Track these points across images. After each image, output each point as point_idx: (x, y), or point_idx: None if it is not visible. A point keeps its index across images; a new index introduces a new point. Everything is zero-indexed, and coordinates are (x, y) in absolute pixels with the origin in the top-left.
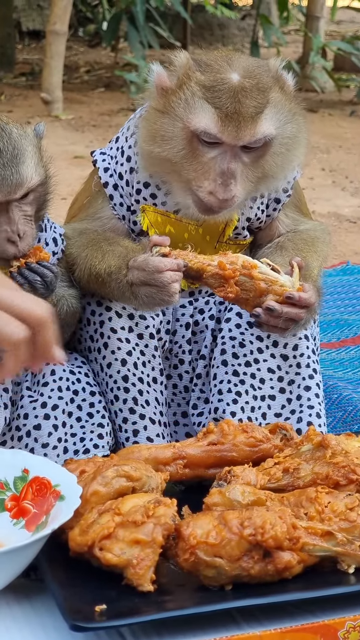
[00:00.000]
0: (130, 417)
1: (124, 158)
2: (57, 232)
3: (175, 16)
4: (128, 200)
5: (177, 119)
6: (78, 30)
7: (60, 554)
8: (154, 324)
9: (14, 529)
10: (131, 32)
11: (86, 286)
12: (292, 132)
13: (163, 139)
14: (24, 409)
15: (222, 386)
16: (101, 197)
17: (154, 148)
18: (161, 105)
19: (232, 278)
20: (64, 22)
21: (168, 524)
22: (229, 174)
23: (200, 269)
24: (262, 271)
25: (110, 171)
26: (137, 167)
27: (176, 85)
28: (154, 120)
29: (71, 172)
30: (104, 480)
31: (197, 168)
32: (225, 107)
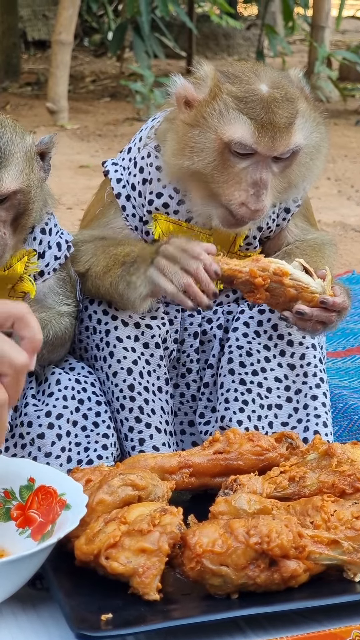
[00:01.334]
0: (136, 426)
1: (136, 169)
2: (64, 238)
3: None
4: (140, 211)
5: (209, 130)
6: (83, 40)
7: (66, 563)
8: (160, 333)
9: (19, 538)
10: (137, 41)
11: (98, 290)
12: (317, 142)
13: (192, 151)
14: (28, 416)
15: (228, 395)
16: (113, 208)
17: (183, 161)
18: (191, 117)
19: (262, 286)
20: (69, 32)
21: (174, 532)
22: (261, 184)
23: (232, 275)
24: (294, 277)
25: (122, 182)
26: (150, 177)
27: (206, 97)
28: (183, 133)
29: (76, 181)
30: (110, 489)
31: (227, 179)
32: (260, 117)
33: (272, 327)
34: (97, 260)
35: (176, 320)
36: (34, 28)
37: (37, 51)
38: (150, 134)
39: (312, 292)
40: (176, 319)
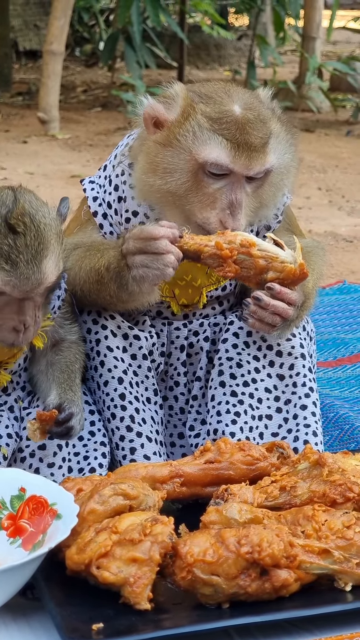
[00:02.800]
0: (127, 435)
1: (111, 187)
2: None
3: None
4: (118, 229)
5: (183, 151)
6: (75, 50)
7: (57, 573)
8: (147, 345)
9: (10, 548)
10: (128, 52)
11: (85, 298)
12: (288, 162)
13: (165, 171)
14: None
15: (220, 407)
16: (91, 226)
17: (155, 180)
18: (163, 137)
19: (229, 258)
20: (60, 42)
21: (165, 542)
22: (237, 204)
23: (198, 250)
24: (262, 248)
25: (99, 200)
26: (125, 195)
27: (178, 117)
28: (154, 153)
29: (68, 191)
30: (101, 499)
31: (202, 200)
32: (236, 138)
33: (261, 337)
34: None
35: (162, 334)
36: (25, 38)
37: (28, 61)
38: (125, 152)
39: (282, 262)
40: (162, 332)
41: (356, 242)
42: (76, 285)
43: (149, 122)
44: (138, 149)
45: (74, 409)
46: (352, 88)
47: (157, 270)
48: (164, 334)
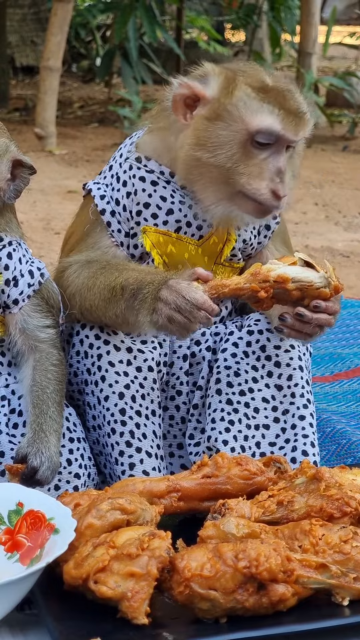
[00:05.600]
0: (126, 451)
1: (119, 184)
2: (35, 265)
3: (168, 52)
4: (126, 226)
5: (234, 122)
6: (72, 66)
7: (55, 588)
8: (153, 356)
9: (8, 563)
10: (124, 67)
11: (90, 314)
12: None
13: (215, 144)
14: (2, 445)
15: (215, 415)
16: (99, 226)
17: (202, 154)
18: (210, 111)
19: (267, 297)
20: (57, 58)
21: (163, 556)
22: (284, 171)
23: (235, 295)
24: (296, 280)
25: (107, 198)
26: (135, 189)
27: (222, 90)
28: (202, 128)
29: (64, 206)
30: (99, 513)
31: (251, 171)
32: (284, 105)
33: (260, 348)
34: (92, 289)
35: (165, 344)
36: (22, 54)
37: (25, 77)
38: (131, 149)
39: (318, 288)
40: (165, 342)
41: (353, 257)
42: (85, 300)
43: (180, 103)
44: (153, 139)
45: (38, 461)
46: (349, 103)
47: (178, 332)
48: (166, 344)
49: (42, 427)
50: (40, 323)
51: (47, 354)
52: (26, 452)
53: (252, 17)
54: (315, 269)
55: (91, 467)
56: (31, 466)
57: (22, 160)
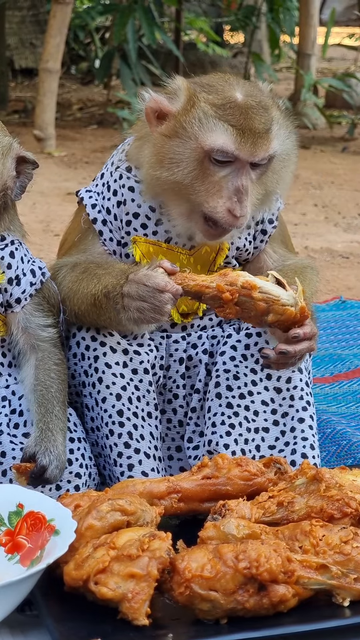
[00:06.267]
0: (125, 452)
1: (110, 192)
2: (37, 264)
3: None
4: (118, 235)
5: (188, 139)
6: (71, 67)
7: (55, 589)
8: (149, 359)
9: (8, 564)
10: (123, 69)
11: (83, 317)
12: (289, 149)
13: (172, 161)
14: (3, 446)
15: (215, 419)
16: (91, 234)
17: (161, 172)
18: (168, 128)
19: (231, 301)
20: (56, 60)
21: (163, 557)
22: (243, 190)
23: (199, 291)
24: (263, 290)
25: (98, 207)
26: (124, 199)
27: (183, 107)
28: (160, 145)
29: (64, 208)
30: (99, 515)
31: (208, 188)
32: (240, 124)
33: (259, 351)
34: (77, 293)
35: (161, 347)
36: (21, 56)
37: (24, 79)
38: (121, 157)
39: (284, 305)
40: (161, 345)
41: (352, 258)
42: (74, 305)
43: (151, 116)
44: (137, 149)
45: (47, 460)
46: (348, 105)
47: (152, 319)
48: (162, 347)
49: (48, 425)
50: (41, 322)
51: (49, 353)
52: (34, 451)
53: (251, 19)
54: (285, 288)
55: (92, 467)
56: (40, 465)
57: (26, 156)
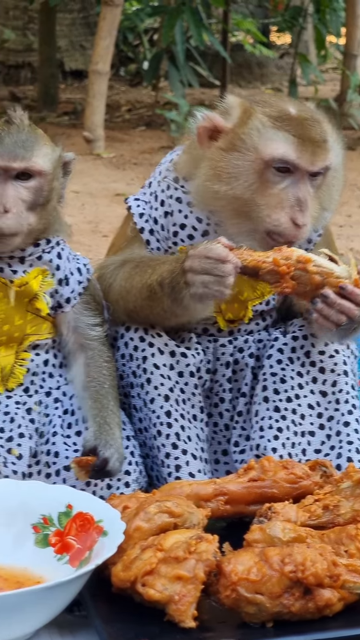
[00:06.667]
0: (172, 452)
1: (157, 202)
2: (81, 262)
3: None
4: (164, 244)
5: (247, 151)
6: (119, 69)
7: (103, 590)
8: (194, 362)
9: (57, 564)
10: (172, 71)
11: (135, 314)
12: (340, 164)
13: (230, 175)
14: (56, 446)
15: (263, 422)
16: (137, 242)
17: (220, 186)
18: (226, 142)
19: (287, 274)
20: (106, 62)
21: (210, 560)
22: (303, 200)
23: (256, 267)
24: (317, 264)
25: (145, 216)
26: (172, 210)
27: (239, 121)
28: (218, 159)
29: (113, 209)
30: (147, 516)
31: (269, 201)
32: (299, 133)
33: (305, 354)
34: (130, 291)
35: (208, 351)
36: (71, 58)
37: (74, 81)
38: (169, 167)
39: (338, 277)
40: (208, 349)
41: None
42: (128, 302)
43: (204, 135)
44: (187, 161)
45: (109, 452)
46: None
47: (217, 292)
48: (209, 351)
49: (105, 419)
50: (90, 321)
51: (99, 351)
52: (95, 445)
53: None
54: (337, 264)
55: (141, 464)
56: (102, 457)
57: (67, 159)
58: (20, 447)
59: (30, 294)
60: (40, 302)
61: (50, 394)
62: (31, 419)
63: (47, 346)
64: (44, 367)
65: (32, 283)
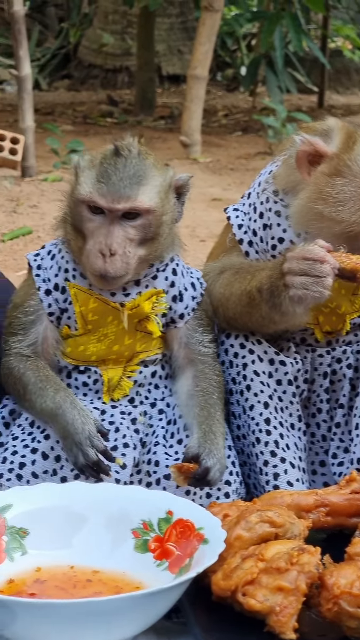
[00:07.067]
0: (271, 460)
1: (256, 214)
2: (194, 276)
3: (313, 61)
4: (263, 256)
5: (354, 178)
6: (216, 74)
7: (202, 598)
8: (293, 370)
9: (157, 570)
10: (270, 76)
11: (234, 321)
12: None
13: (337, 200)
14: (157, 455)
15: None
16: (236, 252)
17: (324, 208)
18: (330, 167)
19: None
20: (205, 67)
21: (312, 572)
22: None
23: (354, 269)
24: None
25: (244, 228)
26: (270, 223)
27: (342, 146)
28: (323, 184)
29: (209, 214)
30: (248, 525)
31: None
32: None
33: None
34: (229, 298)
35: (306, 361)
36: (168, 63)
37: (171, 85)
38: (269, 179)
39: None
40: (306, 358)
41: None
42: (227, 309)
43: (304, 160)
44: (286, 176)
45: (211, 462)
46: None
47: (317, 293)
48: (307, 360)
49: (211, 428)
50: (202, 338)
51: (210, 365)
52: (198, 452)
53: None
54: None
55: (240, 475)
56: (204, 466)
57: (181, 182)
58: (125, 457)
59: (142, 316)
60: (151, 324)
61: (155, 405)
62: (136, 429)
63: (156, 361)
64: (151, 378)
65: (143, 305)
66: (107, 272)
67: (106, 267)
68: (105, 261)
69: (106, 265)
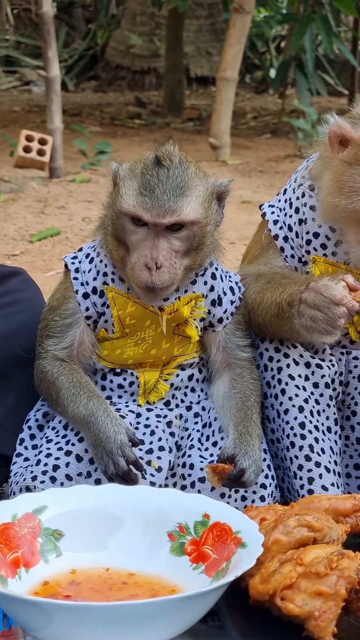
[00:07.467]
0: (305, 465)
1: (292, 210)
2: (233, 280)
3: (343, 63)
4: (299, 252)
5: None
6: (245, 76)
7: (239, 601)
8: (329, 373)
9: (193, 574)
10: (299, 79)
11: (265, 328)
12: None
13: (352, 190)
14: (192, 458)
15: None
16: (272, 249)
17: (340, 200)
18: (350, 156)
19: None
20: (234, 69)
21: (352, 577)
22: None
23: None
24: None
25: (279, 223)
26: (305, 217)
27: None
28: (341, 172)
29: (239, 216)
30: (286, 529)
31: None
32: None
33: None
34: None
35: (341, 363)
36: (197, 64)
37: (199, 87)
38: (305, 174)
39: None
40: (340, 360)
41: None
42: (258, 316)
43: (334, 141)
44: (319, 169)
45: (246, 463)
46: None
47: (324, 330)
48: (342, 363)
49: (247, 429)
50: (241, 342)
51: (248, 369)
52: (233, 453)
53: None
54: None
55: (275, 478)
56: (240, 468)
57: (222, 188)
58: (160, 460)
59: (180, 320)
60: (190, 328)
61: (191, 408)
62: (171, 432)
63: (193, 364)
64: (188, 382)
65: (182, 309)
66: (154, 284)
67: (153, 279)
68: (151, 274)
69: (153, 278)
